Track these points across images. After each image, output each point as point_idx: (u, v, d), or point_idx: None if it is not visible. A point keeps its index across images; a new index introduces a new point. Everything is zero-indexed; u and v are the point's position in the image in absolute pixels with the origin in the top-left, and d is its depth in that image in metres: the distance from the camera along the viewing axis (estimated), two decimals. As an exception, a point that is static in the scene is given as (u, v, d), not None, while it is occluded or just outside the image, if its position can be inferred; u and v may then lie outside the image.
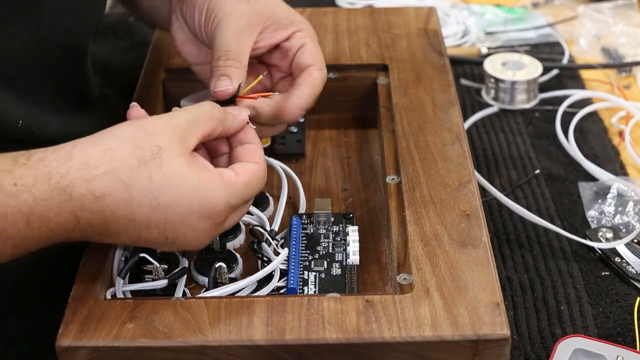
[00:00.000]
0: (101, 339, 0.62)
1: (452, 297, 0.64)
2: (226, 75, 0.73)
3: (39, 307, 0.76)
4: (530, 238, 0.88)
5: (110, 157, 0.61)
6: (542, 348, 0.76)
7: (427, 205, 0.73)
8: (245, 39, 0.75)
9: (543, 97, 1.09)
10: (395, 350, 0.62)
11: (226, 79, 0.73)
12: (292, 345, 0.62)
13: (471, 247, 0.69)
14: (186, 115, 0.66)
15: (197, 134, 0.65)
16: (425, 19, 0.99)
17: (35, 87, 0.77)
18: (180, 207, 0.62)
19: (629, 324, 0.78)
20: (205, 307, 0.64)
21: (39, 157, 0.60)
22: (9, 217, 0.58)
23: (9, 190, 0.58)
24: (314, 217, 0.78)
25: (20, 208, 0.59)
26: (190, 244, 0.65)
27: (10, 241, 0.59)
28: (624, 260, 0.84)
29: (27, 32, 0.74)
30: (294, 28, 0.77)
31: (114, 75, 1.04)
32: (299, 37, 0.77)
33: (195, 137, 0.65)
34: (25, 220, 0.59)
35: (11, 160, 0.60)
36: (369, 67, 0.92)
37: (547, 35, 1.22)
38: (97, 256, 0.69)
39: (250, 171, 0.67)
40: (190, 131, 0.65)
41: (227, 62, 0.73)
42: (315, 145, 0.90)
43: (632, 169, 0.97)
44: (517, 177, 0.96)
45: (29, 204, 0.59)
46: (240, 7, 0.75)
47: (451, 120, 0.82)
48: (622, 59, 1.15)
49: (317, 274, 0.73)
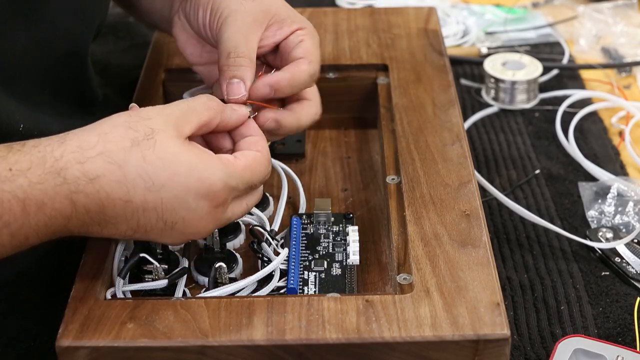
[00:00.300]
0: (101, 339, 0.62)
1: (452, 297, 0.64)
2: (237, 76, 0.72)
3: (39, 307, 0.76)
4: (530, 238, 0.88)
5: (104, 140, 0.61)
6: (542, 348, 0.76)
7: (427, 205, 0.73)
8: (252, 36, 0.74)
9: (543, 97, 1.09)
10: (395, 350, 0.62)
11: (239, 82, 0.72)
12: (292, 345, 0.62)
13: (471, 247, 0.69)
14: (181, 105, 0.66)
15: (192, 123, 0.65)
16: (425, 19, 0.99)
17: (36, 90, 0.77)
18: (175, 186, 0.62)
19: (629, 324, 0.78)
20: (205, 307, 0.64)
21: (33, 144, 0.61)
22: (5, 202, 0.58)
23: (4, 176, 0.58)
24: (314, 217, 0.78)
25: (16, 193, 0.58)
26: (191, 230, 0.64)
27: (7, 229, 0.59)
28: (624, 260, 0.84)
29: (28, 35, 0.74)
30: (296, 26, 0.77)
31: (114, 75, 1.04)
32: (299, 34, 0.76)
33: (190, 125, 0.65)
34: (22, 206, 0.59)
35: (5, 148, 0.60)
36: (369, 67, 0.92)
37: (547, 35, 1.22)
38: (97, 256, 0.69)
39: (251, 157, 0.66)
40: (184, 119, 0.65)
41: (237, 61, 0.72)
42: (315, 145, 0.90)
43: (632, 169, 0.97)
44: (517, 177, 0.96)
45: (24, 188, 0.59)
46: (246, 4, 0.75)
47: (451, 120, 0.82)
48: (622, 59, 1.15)
49: (317, 274, 0.73)
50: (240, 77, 0.72)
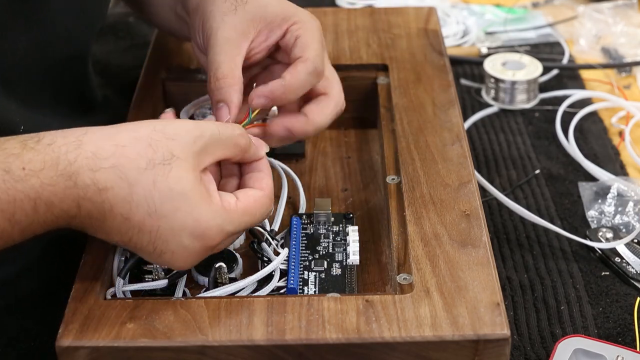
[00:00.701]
0: (101, 339, 0.62)
1: (452, 297, 0.64)
2: (221, 100, 0.72)
3: (38, 307, 0.76)
4: (530, 238, 0.88)
5: (120, 153, 0.61)
6: (542, 348, 0.76)
7: (427, 205, 0.73)
8: (235, 52, 0.74)
9: (543, 97, 1.09)
10: (395, 350, 0.62)
11: (223, 106, 0.72)
12: (292, 345, 0.62)
13: (471, 247, 0.69)
14: (212, 131, 0.65)
15: (214, 156, 0.65)
16: (425, 19, 0.99)
17: (36, 92, 0.77)
18: (174, 220, 0.62)
19: (629, 324, 0.78)
20: (205, 307, 0.64)
21: (48, 142, 0.60)
22: (17, 201, 0.58)
23: (17, 175, 0.58)
24: (314, 217, 0.78)
25: (28, 193, 0.58)
26: (177, 263, 0.64)
27: (19, 226, 0.59)
28: (624, 260, 0.84)
29: (28, 37, 0.74)
30: (287, 24, 0.76)
31: (114, 75, 1.04)
32: (293, 30, 0.75)
33: (211, 157, 0.65)
34: (32, 205, 0.59)
35: (19, 143, 0.60)
36: (369, 67, 0.92)
37: (547, 35, 1.22)
38: (97, 256, 0.69)
39: (252, 198, 0.66)
40: (208, 150, 0.64)
41: (219, 83, 0.72)
42: (315, 145, 0.90)
43: (632, 169, 0.97)
44: (517, 177, 0.96)
45: (36, 189, 0.59)
46: (228, 19, 0.74)
47: (451, 120, 0.82)
48: (622, 59, 1.15)
49: (317, 274, 0.73)
50: (224, 100, 0.72)
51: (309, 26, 0.76)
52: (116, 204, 0.61)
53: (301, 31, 0.75)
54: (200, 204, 0.62)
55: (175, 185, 0.61)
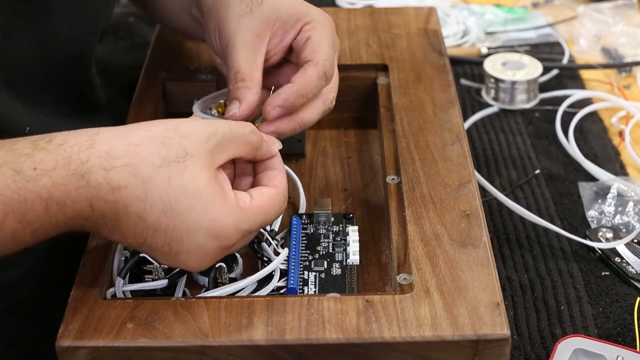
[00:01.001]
0: (101, 339, 0.62)
1: (452, 297, 0.64)
2: (236, 98, 0.73)
3: (38, 307, 0.76)
4: (530, 238, 0.88)
5: (133, 152, 0.60)
6: (542, 348, 0.76)
7: (427, 205, 0.73)
8: (254, 54, 0.74)
9: (543, 97, 1.09)
10: (395, 350, 0.62)
11: (235, 102, 0.73)
12: (292, 345, 0.62)
13: (471, 247, 0.69)
14: (225, 130, 0.65)
15: (228, 153, 0.65)
16: (425, 19, 0.99)
17: (37, 92, 0.77)
18: (189, 218, 0.61)
19: (629, 324, 0.78)
20: (205, 307, 0.64)
21: (59, 141, 0.60)
22: (28, 202, 0.58)
23: (28, 175, 0.58)
24: (314, 217, 0.78)
25: (40, 193, 0.58)
26: (192, 263, 0.64)
27: (30, 227, 0.59)
28: (624, 260, 0.84)
29: (32, 38, 0.74)
30: (301, 23, 0.76)
31: (114, 75, 1.04)
32: (305, 30, 0.75)
33: (225, 155, 0.64)
34: (44, 206, 0.58)
35: (30, 144, 0.59)
36: (369, 67, 0.92)
37: (547, 35, 1.22)
38: (97, 256, 0.69)
39: (266, 196, 0.66)
40: (222, 148, 0.64)
41: (237, 85, 0.73)
42: (315, 145, 0.90)
43: (632, 169, 0.97)
44: (517, 177, 0.96)
45: (48, 188, 0.58)
46: (244, 22, 0.74)
47: (451, 120, 0.82)
48: (622, 59, 1.15)
49: (317, 274, 0.73)
50: (239, 98, 0.73)
51: (321, 26, 0.76)
52: (130, 203, 0.60)
53: (313, 32, 0.75)
54: (215, 203, 0.62)
55: (190, 183, 0.61)
